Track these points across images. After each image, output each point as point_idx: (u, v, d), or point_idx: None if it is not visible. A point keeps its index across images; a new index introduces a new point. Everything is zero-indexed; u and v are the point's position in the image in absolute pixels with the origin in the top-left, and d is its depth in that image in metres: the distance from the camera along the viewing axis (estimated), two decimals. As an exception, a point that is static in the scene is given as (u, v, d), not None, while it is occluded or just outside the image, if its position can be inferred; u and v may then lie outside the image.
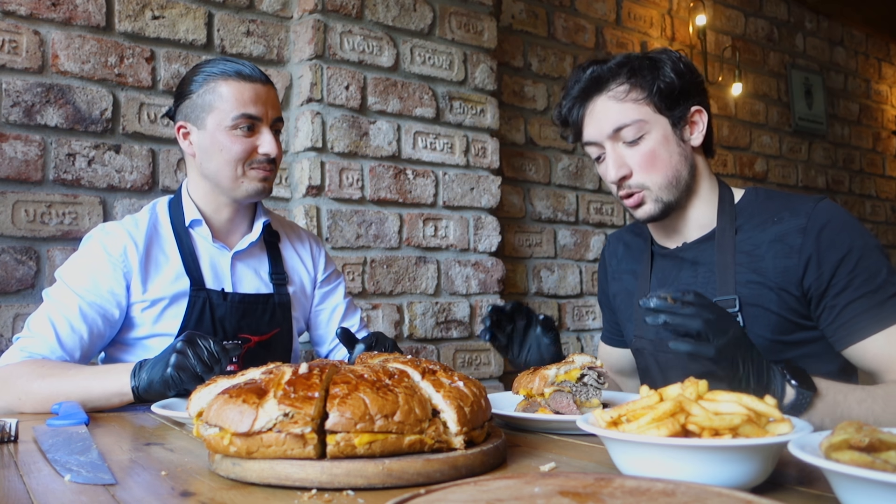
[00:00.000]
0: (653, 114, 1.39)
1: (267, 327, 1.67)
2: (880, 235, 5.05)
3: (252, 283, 1.69)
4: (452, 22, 2.84)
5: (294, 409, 0.77)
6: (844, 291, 1.29)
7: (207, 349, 1.29)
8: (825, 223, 1.33)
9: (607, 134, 1.40)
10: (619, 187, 1.43)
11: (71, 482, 0.81)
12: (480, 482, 0.67)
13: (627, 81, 1.40)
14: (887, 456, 0.61)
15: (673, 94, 1.39)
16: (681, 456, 0.70)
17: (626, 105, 1.39)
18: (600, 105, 1.41)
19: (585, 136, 1.46)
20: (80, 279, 1.53)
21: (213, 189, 1.64)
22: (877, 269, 1.30)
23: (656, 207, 1.42)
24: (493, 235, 2.89)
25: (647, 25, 3.77)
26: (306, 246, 1.84)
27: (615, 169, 1.40)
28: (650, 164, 1.39)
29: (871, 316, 1.27)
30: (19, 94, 2.06)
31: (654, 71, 1.39)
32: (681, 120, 1.41)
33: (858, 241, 1.31)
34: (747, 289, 1.37)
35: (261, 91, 1.58)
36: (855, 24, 5.06)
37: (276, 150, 1.59)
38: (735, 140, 4.19)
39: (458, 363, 2.79)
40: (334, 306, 1.84)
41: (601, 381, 1.16)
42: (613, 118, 1.39)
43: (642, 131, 1.39)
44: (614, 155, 1.41)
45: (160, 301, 1.58)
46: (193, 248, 1.64)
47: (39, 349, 1.47)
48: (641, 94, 1.39)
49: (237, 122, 1.55)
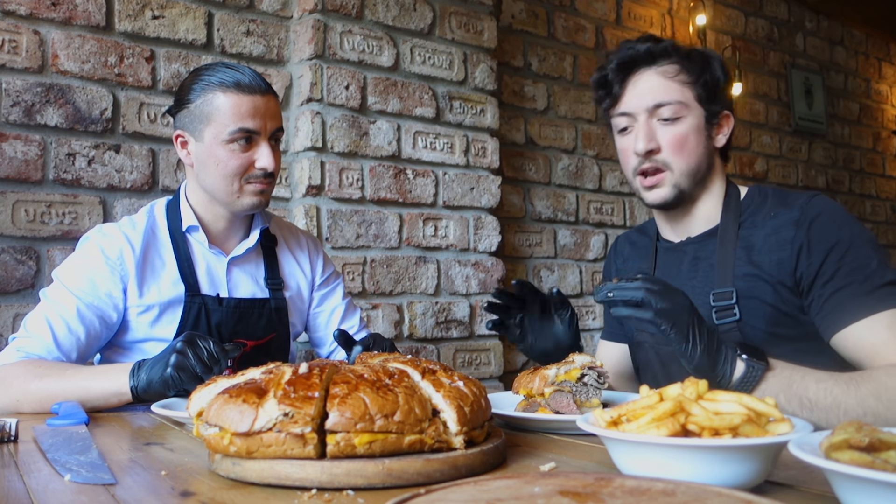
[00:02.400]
0: (693, 101, 1.42)
1: (263, 332, 1.67)
2: (880, 235, 5.05)
3: (248, 289, 1.69)
4: (452, 22, 2.84)
5: (294, 408, 0.77)
6: (832, 280, 1.30)
7: (207, 350, 1.29)
8: (817, 215, 1.35)
9: (647, 106, 1.42)
10: (642, 162, 1.43)
11: (71, 482, 0.81)
12: (480, 482, 0.67)
13: (679, 63, 1.42)
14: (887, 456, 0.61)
15: (714, 91, 1.43)
16: (681, 456, 0.70)
17: (673, 84, 1.42)
18: (647, 77, 1.43)
19: (622, 106, 1.46)
20: (78, 281, 1.53)
21: (210, 200, 1.63)
22: (866, 259, 1.30)
23: (672, 193, 1.43)
24: (493, 235, 2.89)
25: (647, 25, 3.77)
26: (304, 249, 1.83)
27: (645, 140, 1.41)
28: (680, 147, 1.41)
29: (856, 304, 1.27)
30: (19, 94, 2.06)
31: (704, 63, 1.44)
32: (714, 116, 1.45)
33: (848, 232, 1.33)
34: (744, 282, 1.39)
35: (259, 103, 1.54)
36: (855, 24, 5.06)
37: (273, 164, 1.56)
38: (735, 140, 4.16)
39: (458, 363, 2.79)
40: (333, 308, 1.84)
41: (601, 381, 1.16)
42: (657, 93, 1.41)
43: (680, 113, 1.41)
44: (647, 128, 1.42)
45: (155, 306, 1.57)
46: (190, 254, 1.64)
47: (36, 349, 1.47)
48: (689, 79, 1.42)
49: (234, 136, 1.53)
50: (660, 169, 1.42)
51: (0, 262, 2.01)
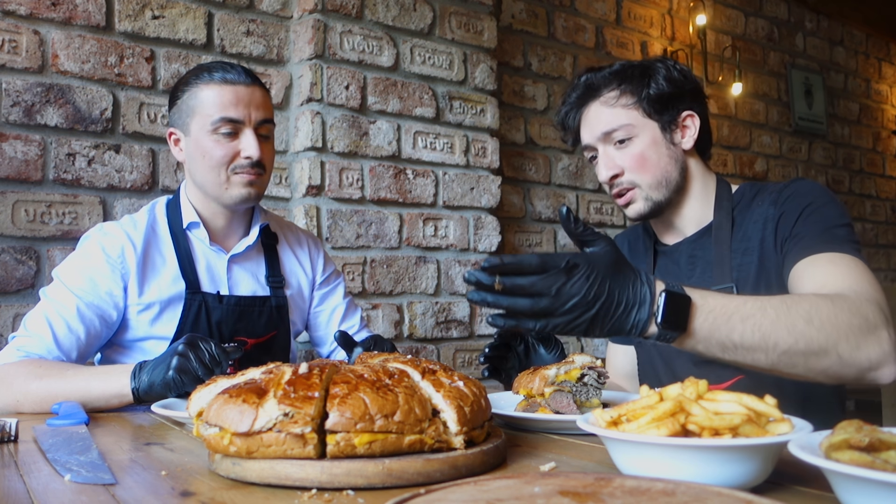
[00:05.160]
0: (641, 118, 1.47)
1: (263, 330, 1.67)
2: (880, 235, 5.05)
3: (249, 286, 1.69)
4: (452, 22, 2.84)
5: (294, 408, 0.77)
6: (795, 227, 1.36)
7: (209, 352, 1.29)
8: (793, 191, 1.42)
9: (598, 136, 1.49)
10: (611, 186, 1.51)
11: (71, 482, 0.81)
12: (480, 482, 0.67)
13: (618, 88, 1.48)
14: (887, 456, 0.61)
15: (662, 100, 1.47)
16: (681, 456, 0.70)
17: (616, 110, 1.48)
18: (593, 110, 1.51)
19: (582, 140, 1.55)
20: (79, 279, 1.53)
21: (205, 196, 1.64)
22: (832, 217, 1.34)
23: (646, 206, 1.49)
24: (493, 235, 2.89)
25: (647, 25, 3.77)
26: (305, 248, 1.83)
27: (606, 169, 1.49)
28: (640, 165, 1.47)
29: (805, 244, 1.31)
30: (19, 94, 2.06)
31: (645, 78, 1.48)
32: (670, 124, 1.49)
33: (822, 199, 1.37)
34: (740, 272, 1.43)
35: (243, 93, 1.55)
36: (855, 24, 5.06)
37: (258, 152, 1.56)
38: (735, 140, 4.19)
39: (458, 363, 2.79)
40: (334, 307, 1.84)
41: (601, 381, 1.16)
42: (604, 122, 1.48)
43: (630, 134, 1.47)
44: (605, 156, 1.50)
45: (156, 304, 1.58)
46: (190, 251, 1.64)
47: (36, 349, 1.46)
48: (630, 100, 1.47)
49: (217, 125, 1.54)
50: (627, 188, 1.49)
51: (0, 262, 2.01)
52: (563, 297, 0.93)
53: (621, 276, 0.97)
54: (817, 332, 1.06)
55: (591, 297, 0.94)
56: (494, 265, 0.93)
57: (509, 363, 1.42)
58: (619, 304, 0.96)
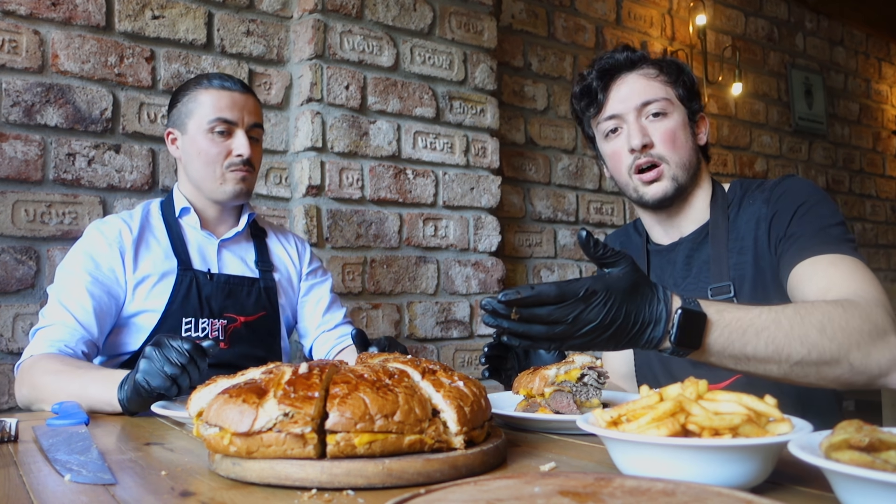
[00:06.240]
0: (676, 99, 1.49)
1: (252, 309, 1.75)
2: (880, 235, 5.05)
3: (238, 269, 1.79)
4: (452, 22, 2.84)
5: (294, 408, 0.77)
6: (790, 227, 1.35)
7: (177, 349, 1.23)
8: (785, 189, 1.41)
9: (635, 105, 1.46)
10: (638, 158, 1.45)
11: (71, 482, 0.81)
12: (480, 482, 0.67)
13: (656, 67, 1.50)
14: (887, 456, 0.61)
15: (691, 92, 1.51)
16: (681, 456, 0.70)
17: (656, 83, 1.48)
18: (630, 80, 1.49)
19: (609, 110, 1.49)
20: (82, 261, 1.61)
21: (198, 191, 1.75)
22: (826, 216, 1.33)
23: (671, 186, 1.46)
24: (493, 235, 2.89)
25: (647, 25, 3.77)
26: (291, 242, 1.94)
27: (639, 136, 1.44)
28: (672, 140, 1.46)
29: (803, 245, 1.29)
30: (19, 94, 2.06)
31: (678, 67, 1.52)
32: (695, 115, 1.52)
33: (815, 197, 1.37)
34: (736, 271, 1.43)
35: (237, 98, 1.70)
36: (855, 24, 5.06)
37: (248, 151, 1.69)
38: (735, 140, 4.19)
39: (458, 363, 2.79)
40: (319, 298, 1.91)
41: (601, 381, 1.16)
42: (643, 92, 1.47)
43: (666, 109, 1.47)
44: (638, 125, 1.46)
45: (149, 277, 1.65)
46: (182, 234, 1.74)
47: (60, 335, 1.52)
48: (668, 79, 1.50)
49: (213, 125, 1.68)
50: (656, 163, 1.45)
51: (0, 262, 2.01)
52: (579, 324, 0.93)
53: (639, 297, 0.97)
54: (830, 342, 1.06)
55: (607, 322, 0.94)
56: (512, 300, 0.92)
57: (509, 363, 1.42)
58: (634, 324, 0.97)
